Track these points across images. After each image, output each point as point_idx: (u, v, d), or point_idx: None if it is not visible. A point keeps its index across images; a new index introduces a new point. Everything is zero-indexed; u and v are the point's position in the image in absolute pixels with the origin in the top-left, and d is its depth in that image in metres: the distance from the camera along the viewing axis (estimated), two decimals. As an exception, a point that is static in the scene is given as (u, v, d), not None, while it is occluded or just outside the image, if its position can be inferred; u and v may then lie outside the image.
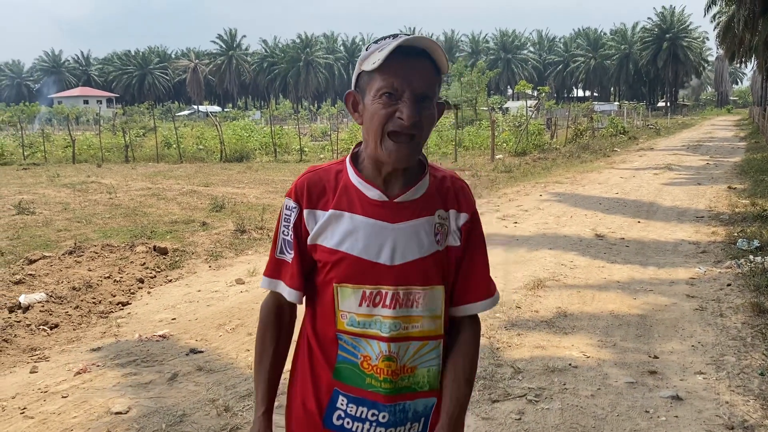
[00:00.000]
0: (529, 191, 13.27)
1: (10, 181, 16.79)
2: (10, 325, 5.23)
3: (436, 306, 1.51)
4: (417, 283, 1.48)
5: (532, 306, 5.63)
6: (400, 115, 1.40)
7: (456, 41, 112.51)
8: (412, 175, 1.52)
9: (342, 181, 1.52)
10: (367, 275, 1.46)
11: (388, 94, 1.41)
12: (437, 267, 1.50)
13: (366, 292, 1.47)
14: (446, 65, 1.46)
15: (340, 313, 1.49)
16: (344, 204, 1.49)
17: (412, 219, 1.49)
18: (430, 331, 1.51)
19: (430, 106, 1.44)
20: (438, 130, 27.29)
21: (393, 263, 1.46)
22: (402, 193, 1.49)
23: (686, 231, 8.82)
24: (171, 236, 8.90)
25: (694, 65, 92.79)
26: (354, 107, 1.52)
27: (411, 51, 1.41)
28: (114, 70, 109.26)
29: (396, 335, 1.47)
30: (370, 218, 1.47)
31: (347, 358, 1.50)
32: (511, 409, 3.72)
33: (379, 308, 1.47)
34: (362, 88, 1.48)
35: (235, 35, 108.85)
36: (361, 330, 1.48)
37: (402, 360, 1.48)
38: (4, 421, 3.69)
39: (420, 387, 1.52)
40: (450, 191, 1.56)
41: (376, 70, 1.42)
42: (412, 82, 1.41)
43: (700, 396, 3.86)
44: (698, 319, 5.22)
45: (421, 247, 1.48)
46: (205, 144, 25.76)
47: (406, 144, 1.42)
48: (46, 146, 24.97)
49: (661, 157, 21.44)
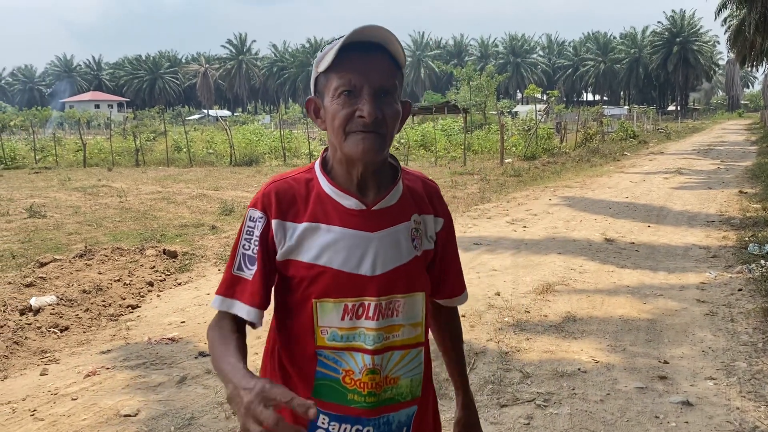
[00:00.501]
0: (539, 195, 13.23)
1: (22, 185, 16.93)
2: (21, 327, 5.27)
3: (416, 313, 1.47)
4: (399, 292, 1.42)
5: (541, 310, 5.61)
6: (360, 113, 1.33)
7: (465, 45, 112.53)
8: (385, 180, 1.45)
9: (314, 191, 1.43)
10: (349, 288, 1.39)
11: (346, 93, 1.34)
12: (417, 273, 1.46)
13: (348, 305, 1.39)
14: (404, 57, 1.39)
15: (319, 329, 1.41)
16: (319, 215, 1.40)
17: (391, 226, 1.42)
18: (410, 339, 1.46)
19: (392, 101, 1.37)
20: (447, 133, 27.31)
21: (374, 273, 1.39)
22: (379, 200, 1.42)
23: (697, 235, 8.77)
24: (180, 240, 8.94)
25: (704, 69, 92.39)
26: (316, 113, 1.44)
27: (366, 46, 1.34)
28: (125, 75, 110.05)
29: (380, 347, 1.40)
30: (349, 228, 1.39)
31: (327, 374, 1.42)
32: (520, 414, 3.71)
33: (362, 320, 1.40)
34: (321, 91, 1.40)
35: (245, 40, 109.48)
36: (344, 344, 1.40)
37: (385, 371, 1.42)
38: (15, 423, 3.72)
39: (403, 398, 1.46)
40: (423, 195, 1.51)
41: (331, 69, 1.35)
42: (370, 76, 1.33)
43: (710, 402, 3.83)
44: (709, 324, 5.18)
45: (400, 255, 1.42)
46: (214, 148, 25.89)
47: (372, 135, 1.34)
48: (58, 150, 25.18)
49: (672, 161, 21.34)
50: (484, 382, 4.13)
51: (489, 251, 7.98)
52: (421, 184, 1.52)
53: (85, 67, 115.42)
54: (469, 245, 8.30)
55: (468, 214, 10.89)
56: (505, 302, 5.82)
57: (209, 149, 25.76)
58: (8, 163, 22.83)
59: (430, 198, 1.52)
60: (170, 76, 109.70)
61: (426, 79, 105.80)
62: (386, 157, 1.45)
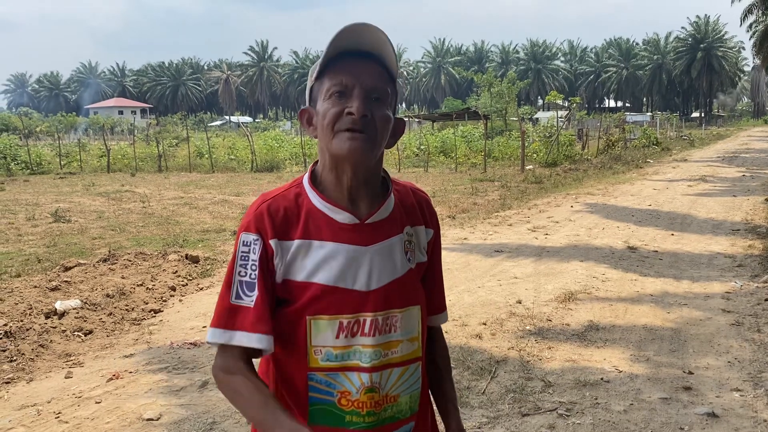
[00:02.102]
0: (560, 202, 13.14)
1: (47, 190, 17.19)
2: (46, 330, 5.34)
3: (413, 327, 1.43)
4: (396, 306, 1.39)
5: (563, 319, 5.56)
6: (349, 109, 1.31)
7: (486, 51, 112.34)
8: (377, 192, 1.42)
9: (305, 206, 1.38)
10: (344, 304, 1.35)
11: (338, 93, 1.32)
12: (412, 286, 1.44)
13: (343, 322, 1.35)
14: (396, 66, 1.38)
15: (313, 349, 1.36)
16: (311, 231, 1.36)
17: (385, 239, 1.39)
18: (409, 355, 1.43)
19: (383, 107, 1.35)
20: (467, 140, 27.24)
21: (370, 288, 1.36)
22: (372, 213, 1.38)
23: (722, 244, 8.64)
24: (202, 245, 9.01)
25: (729, 75, 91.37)
26: (309, 122, 1.41)
27: (358, 53, 1.34)
28: (148, 81, 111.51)
29: (377, 364, 1.37)
30: (343, 243, 1.35)
31: (321, 398, 1.37)
32: (542, 424, 3.68)
33: (357, 337, 1.36)
34: (315, 98, 1.39)
35: (266, 47, 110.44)
36: (339, 363, 1.36)
37: (384, 389, 1.38)
38: (40, 425, 3.77)
39: (403, 415, 1.43)
40: (414, 205, 1.48)
41: (324, 74, 1.35)
42: (361, 76, 1.32)
43: (737, 413, 3.77)
44: (734, 334, 5.10)
45: (395, 268, 1.39)
46: (236, 154, 26.12)
47: (359, 135, 1.31)
48: (82, 156, 25.53)
49: (696, 168, 21.08)
50: (506, 390, 4.10)
51: (510, 258, 7.94)
52: (411, 194, 1.49)
53: (109, 74, 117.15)
54: (490, 252, 8.27)
55: (489, 221, 10.84)
56: (527, 310, 5.78)
57: (231, 155, 25.99)
58: (34, 168, 23.21)
59: (422, 209, 1.49)
60: (193, 82, 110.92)
61: (446, 86, 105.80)
62: (377, 166, 1.41)
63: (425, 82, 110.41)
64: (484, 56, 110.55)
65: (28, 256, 8.42)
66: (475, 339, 5.05)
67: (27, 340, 5.14)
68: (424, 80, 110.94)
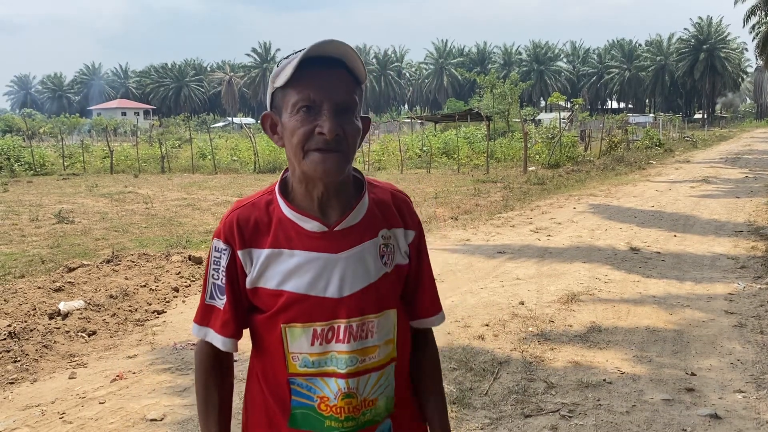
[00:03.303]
0: (563, 204, 13.14)
1: (50, 191, 17.24)
2: (50, 331, 5.36)
3: (389, 330, 1.43)
4: (370, 312, 1.38)
5: (565, 320, 5.56)
6: (320, 129, 1.28)
7: (488, 53, 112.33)
8: (348, 198, 1.40)
9: (275, 215, 1.39)
10: (317, 312, 1.35)
11: (306, 108, 1.29)
12: (388, 290, 1.42)
13: (317, 329, 1.36)
14: (364, 73, 1.34)
15: (290, 355, 1.38)
16: (281, 240, 1.37)
17: (356, 245, 1.38)
18: (385, 359, 1.42)
19: (352, 118, 1.32)
20: (470, 141, 27.25)
21: (342, 295, 1.36)
22: (341, 220, 1.37)
23: (724, 245, 8.64)
24: (205, 246, 9.03)
25: (732, 76, 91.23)
26: (272, 129, 1.39)
27: (325, 61, 1.30)
28: (151, 83, 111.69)
29: (353, 370, 1.37)
30: (313, 251, 1.35)
31: (302, 402, 1.39)
32: (544, 425, 3.68)
33: (333, 344, 1.37)
34: (278, 106, 1.36)
35: (269, 48, 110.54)
36: (316, 370, 1.37)
37: (363, 394, 1.39)
38: (44, 426, 3.78)
39: (381, 417, 1.44)
40: (392, 208, 1.45)
41: (289, 85, 1.30)
42: (330, 92, 1.29)
43: (739, 415, 3.77)
44: (737, 335, 5.10)
45: (368, 274, 1.38)
46: (239, 155, 26.16)
47: (332, 155, 1.30)
48: (85, 157, 25.58)
49: (698, 169, 21.06)
50: (508, 392, 4.11)
51: (513, 260, 7.95)
52: (390, 196, 1.47)
53: (112, 75, 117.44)
54: (493, 253, 8.27)
55: (491, 223, 10.84)
56: (530, 311, 5.78)
57: (234, 156, 26.03)
58: (38, 169, 23.26)
59: (400, 210, 1.47)
60: (195, 84, 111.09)
61: (449, 87, 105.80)
62: (348, 174, 1.40)
63: (428, 84, 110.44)
64: (487, 57, 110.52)
65: (32, 257, 8.44)
66: (477, 340, 5.05)
67: (31, 340, 5.16)
68: (426, 81, 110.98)
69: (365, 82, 1.38)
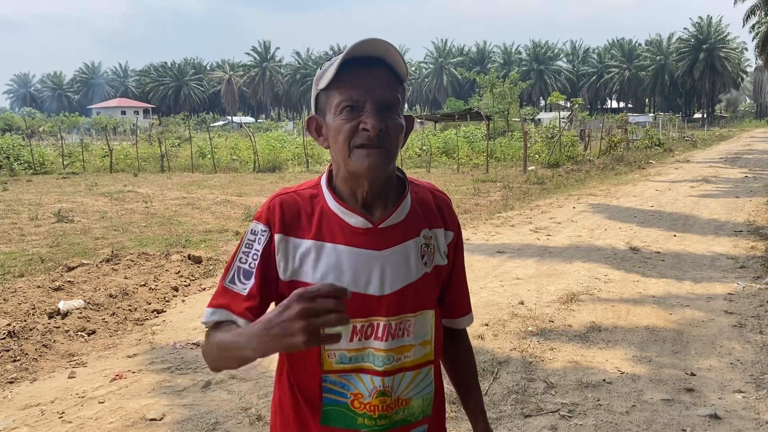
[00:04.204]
0: (563, 203, 13.14)
1: (50, 190, 17.22)
2: (49, 330, 5.35)
3: (426, 331, 1.43)
4: (409, 311, 1.38)
5: (565, 320, 5.56)
6: (364, 126, 1.29)
7: (488, 52, 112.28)
8: (392, 196, 1.40)
9: (319, 207, 1.38)
10: (358, 308, 1.34)
11: (349, 108, 1.30)
12: (428, 290, 1.42)
13: (357, 326, 1.35)
14: (405, 71, 1.35)
15: (326, 352, 1.36)
16: (325, 233, 1.36)
17: (399, 244, 1.38)
18: (421, 359, 1.42)
19: (395, 115, 1.33)
20: (470, 141, 27.25)
21: (383, 293, 1.35)
22: (386, 218, 1.37)
23: (724, 245, 8.64)
24: (205, 245, 9.02)
25: (732, 76, 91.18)
26: (318, 132, 1.39)
27: (366, 61, 1.31)
28: (150, 82, 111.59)
29: (390, 368, 1.36)
30: (356, 247, 1.35)
31: (335, 399, 1.38)
32: (544, 425, 3.68)
33: (371, 340, 1.36)
34: (322, 108, 1.36)
35: (269, 47, 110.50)
36: (353, 365, 1.37)
37: (396, 393, 1.38)
38: (44, 425, 3.78)
39: (415, 418, 1.42)
40: (433, 208, 1.46)
41: (332, 86, 1.32)
42: (373, 91, 1.30)
43: (739, 415, 3.77)
44: (737, 336, 5.10)
45: (409, 273, 1.38)
46: (238, 154, 26.14)
47: (377, 151, 1.31)
48: (85, 156, 25.56)
49: (698, 169, 21.07)
50: (508, 391, 4.11)
51: (512, 259, 7.94)
52: (431, 196, 1.48)
53: (111, 74, 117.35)
54: (493, 253, 8.27)
55: (491, 222, 10.84)
56: (529, 311, 5.78)
57: (233, 155, 26.01)
58: (37, 168, 23.24)
59: (441, 211, 1.47)
60: (195, 83, 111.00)
61: (448, 86, 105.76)
62: (392, 172, 1.40)
63: (427, 83, 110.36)
64: (487, 57, 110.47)
65: (32, 256, 8.44)
66: (477, 340, 5.05)
67: (30, 340, 5.15)
68: (426, 81, 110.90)
69: (407, 79, 1.39)
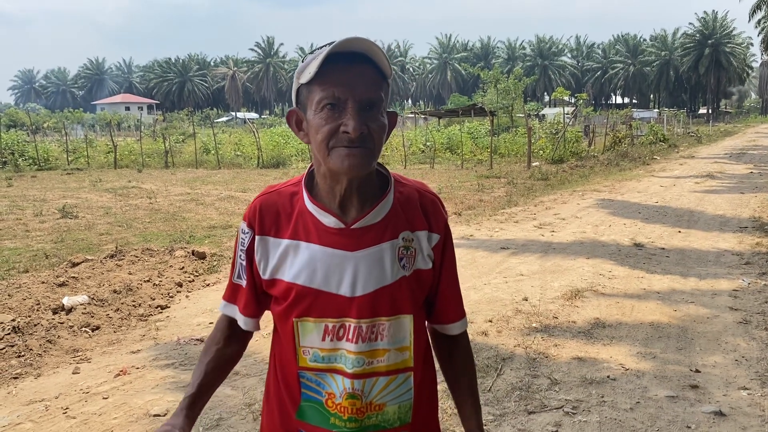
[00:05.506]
0: (567, 199, 13.11)
1: (54, 186, 17.26)
2: (53, 326, 5.37)
3: (403, 337, 1.39)
4: (383, 314, 1.35)
5: (569, 316, 5.55)
6: (345, 128, 1.26)
7: (492, 48, 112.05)
8: (370, 196, 1.38)
9: (297, 206, 1.39)
10: (329, 308, 1.34)
11: (330, 106, 1.27)
12: (405, 294, 1.38)
13: (329, 325, 1.35)
14: (389, 68, 1.32)
15: (301, 349, 1.38)
16: (301, 233, 1.36)
17: (374, 245, 1.35)
18: (397, 365, 1.39)
19: (377, 114, 1.30)
20: (473, 136, 27.20)
21: (354, 294, 1.34)
22: (360, 218, 1.35)
23: (729, 241, 8.61)
24: (209, 241, 9.03)
25: (737, 72, 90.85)
26: (298, 126, 1.38)
27: (350, 57, 1.27)
28: (155, 78, 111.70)
29: (360, 371, 1.35)
30: (329, 247, 1.34)
31: (312, 396, 1.39)
32: (548, 421, 3.67)
33: (343, 342, 1.36)
34: (303, 103, 1.34)
35: (272, 43, 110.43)
36: (325, 365, 1.37)
37: (368, 397, 1.37)
38: (48, 421, 3.79)
39: (390, 424, 1.40)
40: (417, 209, 1.41)
41: (314, 81, 1.28)
42: (355, 89, 1.27)
43: (744, 412, 3.75)
44: (742, 332, 5.08)
45: (384, 275, 1.35)
46: (242, 150, 26.15)
47: (357, 150, 1.28)
48: (89, 151, 25.61)
49: (703, 165, 20.99)
50: (512, 388, 4.10)
51: (516, 255, 7.93)
52: (417, 196, 1.43)
53: (116, 70, 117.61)
54: (497, 249, 8.26)
55: (495, 218, 10.82)
56: (533, 307, 5.77)
57: (237, 151, 26.02)
58: (42, 164, 23.30)
59: (425, 211, 1.42)
60: (199, 78, 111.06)
61: (452, 82, 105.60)
62: (371, 171, 1.38)
63: (431, 79, 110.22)
64: (491, 52, 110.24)
65: (36, 251, 8.46)
66: (481, 336, 5.04)
67: (35, 335, 5.17)
68: (430, 76, 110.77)
69: (391, 77, 1.36)
